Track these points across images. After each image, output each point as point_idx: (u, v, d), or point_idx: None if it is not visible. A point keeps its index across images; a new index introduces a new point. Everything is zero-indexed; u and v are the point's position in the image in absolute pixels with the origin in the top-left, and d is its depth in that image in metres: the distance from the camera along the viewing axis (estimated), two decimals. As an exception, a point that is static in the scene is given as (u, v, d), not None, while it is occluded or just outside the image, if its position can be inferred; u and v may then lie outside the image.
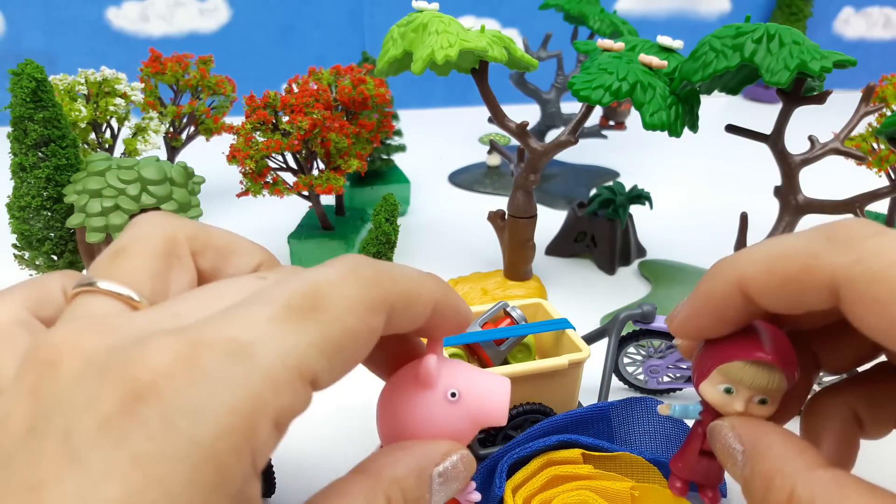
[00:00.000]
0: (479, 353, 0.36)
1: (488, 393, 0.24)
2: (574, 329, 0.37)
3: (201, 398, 0.15)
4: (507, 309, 0.38)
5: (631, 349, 0.40)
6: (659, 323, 0.38)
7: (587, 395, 0.38)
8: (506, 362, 0.37)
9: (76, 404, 0.15)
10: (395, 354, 0.25)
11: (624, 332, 0.40)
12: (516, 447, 0.30)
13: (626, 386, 0.41)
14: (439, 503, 0.22)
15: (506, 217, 0.53)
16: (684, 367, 0.40)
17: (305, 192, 0.55)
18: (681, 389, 0.41)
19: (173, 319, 0.18)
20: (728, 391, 0.24)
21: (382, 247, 0.45)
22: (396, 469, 0.21)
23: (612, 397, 0.38)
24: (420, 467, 0.21)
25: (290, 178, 0.54)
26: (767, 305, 0.21)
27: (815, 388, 0.32)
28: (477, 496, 0.25)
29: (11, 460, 0.15)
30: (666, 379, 0.40)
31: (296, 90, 0.53)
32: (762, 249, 0.21)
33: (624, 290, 0.55)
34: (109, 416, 0.15)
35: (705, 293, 0.23)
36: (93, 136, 0.59)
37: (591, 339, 0.39)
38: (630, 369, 0.41)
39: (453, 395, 0.23)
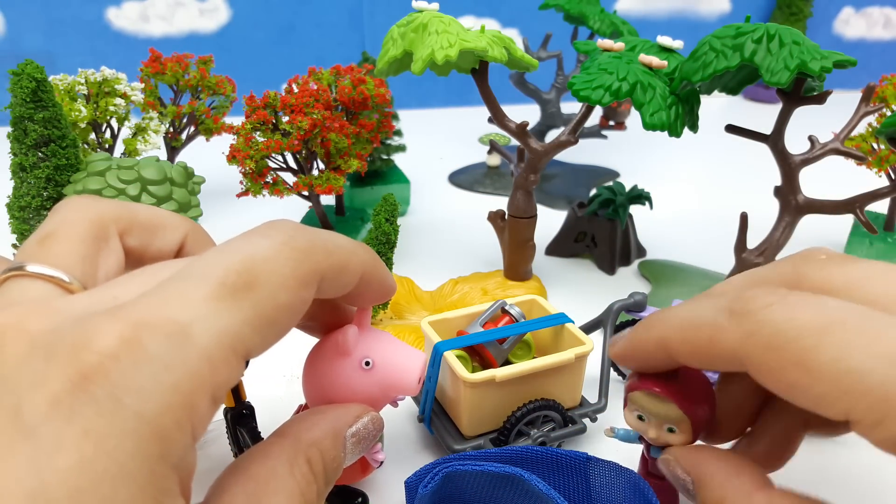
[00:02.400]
0: (482, 354, 0.36)
1: (401, 364, 0.26)
2: (573, 322, 0.37)
3: (145, 378, 0.16)
4: (506, 307, 0.38)
5: None
6: (650, 312, 0.38)
7: (588, 387, 0.38)
8: (507, 361, 0.37)
9: (24, 384, 0.16)
10: (325, 318, 0.26)
11: (618, 322, 0.40)
12: (463, 460, 0.29)
13: (622, 378, 0.41)
14: (352, 461, 0.24)
15: (506, 217, 0.53)
16: None
17: (305, 193, 0.55)
18: None
19: (112, 301, 0.18)
20: (641, 418, 0.27)
21: (382, 247, 0.45)
22: (314, 432, 0.22)
23: (611, 395, 0.38)
24: (335, 429, 0.23)
25: (290, 178, 0.54)
26: (686, 362, 0.23)
27: None
28: (382, 455, 0.28)
29: None
30: None
31: (296, 90, 0.53)
32: (679, 315, 0.23)
33: (624, 290, 0.54)
34: (59, 394, 0.16)
35: (636, 341, 0.25)
36: (93, 136, 0.59)
37: (586, 330, 0.40)
38: None
39: (367, 363, 0.25)
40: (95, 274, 0.21)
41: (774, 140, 0.44)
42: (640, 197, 0.58)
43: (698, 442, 0.27)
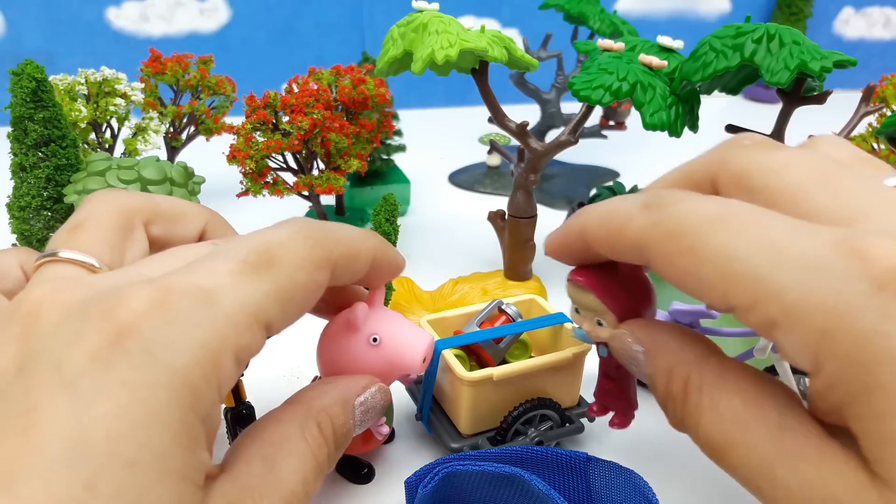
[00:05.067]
0: (478, 353, 0.36)
1: (407, 343, 0.27)
2: (571, 322, 0.37)
3: (176, 334, 0.17)
4: (503, 307, 0.38)
5: None
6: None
7: (586, 387, 0.38)
8: (504, 361, 0.37)
9: (63, 343, 0.17)
10: (337, 302, 0.28)
11: None
12: (463, 460, 0.29)
13: None
14: (361, 430, 0.25)
15: (506, 217, 0.53)
16: None
17: (305, 192, 0.55)
18: None
19: (139, 276, 0.20)
20: (577, 311, 0.27)
21: (382, 247, 0.45)
22: (324, 399, 0.24)
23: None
24: (344, 398, 0.24)
25: (290, 178, 0.54)
26: (602, 253, 0.24)
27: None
28: (386, 429, 0.29)
29: (5, 394, 0.17)
30: None
31: (296, 90, 0.53)
32: (602, 206, 0.24)
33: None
34: (96, 349, 0.17)
35: (563, 231, 0.26)
36: (93, 136, 0.59)
37: None
38: None
39: (375, 340, 0.26)
40: (122, 261, 0.23)
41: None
42: (640, 197, 0.58)
43: None
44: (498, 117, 0.47)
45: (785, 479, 0.18)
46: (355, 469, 0.35)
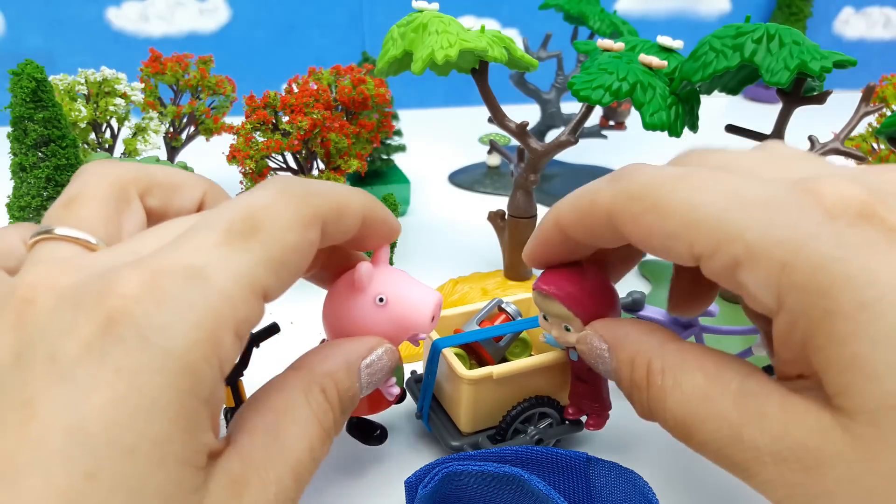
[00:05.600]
0: (479, 351, 0.36)
1: (415, 302, 0.26)
2: None
3: (169, 317, 0.17)
4: (502, 305, 0.38)
5: None
6: (648, 312, 0.38)
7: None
8: (504, 359, 0.37)
9: (57, 332, 0.17)
10: (337, 268, 0.27)
11: None
12: (463, 460, 0.29)
13: None
14: (368, 391, 0.25)
15: (506, 217, 0.53)
16: None
17: (305, 192, 0.55)
18: None
19: (132, 255, 0.19)
20: (546, 318, 0.28)
21: (382, 247, 0.45)
22: (327, 364, 0.23)
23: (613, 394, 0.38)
24: (348, 361, 0.24)
25: (290, 178, 0.54)
26: (577, 238, 0.25)
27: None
28: (396, 389, 0.28)
29: (3, 386, 0.17)
30: None
31: (296, 90, 0.53)
32: (573, 192, 0.25)
33: (624, 290, 0.54)
34: (90, 338, 0.17)
35: (539, 229, 0.26)
36: (93, 136, 0.59)
37: None
38: None
39: (381, 300, 0.25)
40: (119, 234, 0.22)
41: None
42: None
43: None
44: (498, 117, 0.47)
45: (752, 439, 0.19)
46: (367, 431, 0.34)
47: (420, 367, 0.37)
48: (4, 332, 0.18)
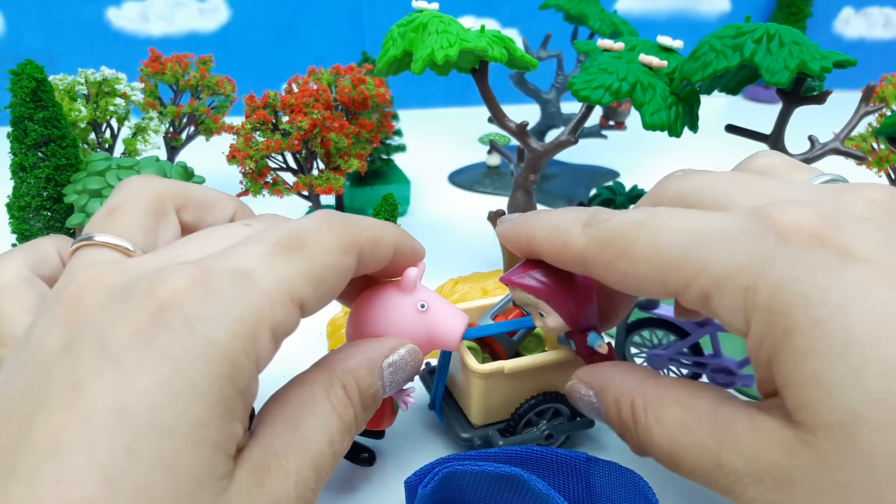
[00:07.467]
0: (492, 346, 0.36)
1: (451, 316, 0.28)
2: None
3: (215, 309, 0.18)
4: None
5: (636, 338, 0.40)
6: (661, 310, 0.38)
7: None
8: (518, 353, 0.37)
9: (107, 322, 0.18)
10: (363, 291, 0.29)
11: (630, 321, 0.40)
12: (463, 460, 0.29)
13: None
14: (391, 391, 0.26)
15: (506, 217, 0.53)
16: (686, 360, 0.40)
17: (305, 192, 0.55)
18: None
19: (175, 259, 0.21)
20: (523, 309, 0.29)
21: (382, 247, 0.45)
22: (349, 362, 0.24)
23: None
24: (370, 360, 0.25)
25: (290, 178, 0.54)
26: (549, 261, 0.26)
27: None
28: (412, 399, 0.29)
29: (52, 370, 0.18)
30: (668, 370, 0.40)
31: (296, 90, 0.53)
32: (548, 219, 0.26)
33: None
34: (139, 325, 0.18)
35: (514, 231, 0.28)
36: (93, 136, 0.59)
37: None
38: (638, 361, 0.41)
39: (423, 306, 0.27)
40: (156, 244, 0.24)
41: (774, 140, 0.44)
42: (640, 197, 0.58)
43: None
44: (498, 117, 0.47)
45: (731, 464, 0.20)
46: (353, 452, 0.34)
47: (434, 360, 0.38)
48: (53, 324, 0.19)
